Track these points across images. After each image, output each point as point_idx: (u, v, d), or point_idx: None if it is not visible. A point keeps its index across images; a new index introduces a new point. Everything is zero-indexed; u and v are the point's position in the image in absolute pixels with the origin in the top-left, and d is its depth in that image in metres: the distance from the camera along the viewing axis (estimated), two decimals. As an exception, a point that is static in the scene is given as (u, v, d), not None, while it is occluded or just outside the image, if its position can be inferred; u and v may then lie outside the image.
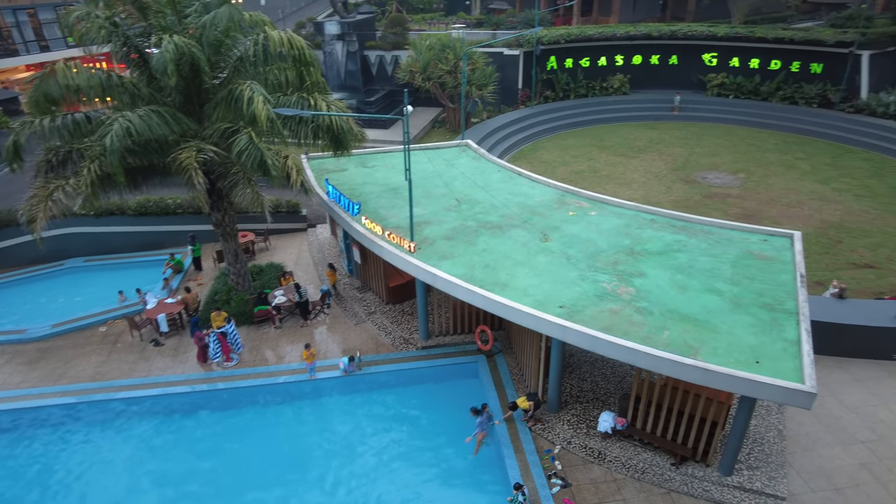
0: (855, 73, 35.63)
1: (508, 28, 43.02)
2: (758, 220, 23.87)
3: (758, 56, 38.09)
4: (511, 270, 13.75)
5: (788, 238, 14.98)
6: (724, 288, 12.74)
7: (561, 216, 16.51)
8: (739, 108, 37.84)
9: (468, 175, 19.60)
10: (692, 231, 15.40)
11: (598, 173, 29.83)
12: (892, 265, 20.91)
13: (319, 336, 17.75)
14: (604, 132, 36.34)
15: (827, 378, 15.28)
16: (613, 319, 11.77)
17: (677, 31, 38.97)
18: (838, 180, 28.53)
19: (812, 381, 9.88)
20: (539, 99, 38.65)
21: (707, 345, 10.93)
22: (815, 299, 16.16)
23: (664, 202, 25.83)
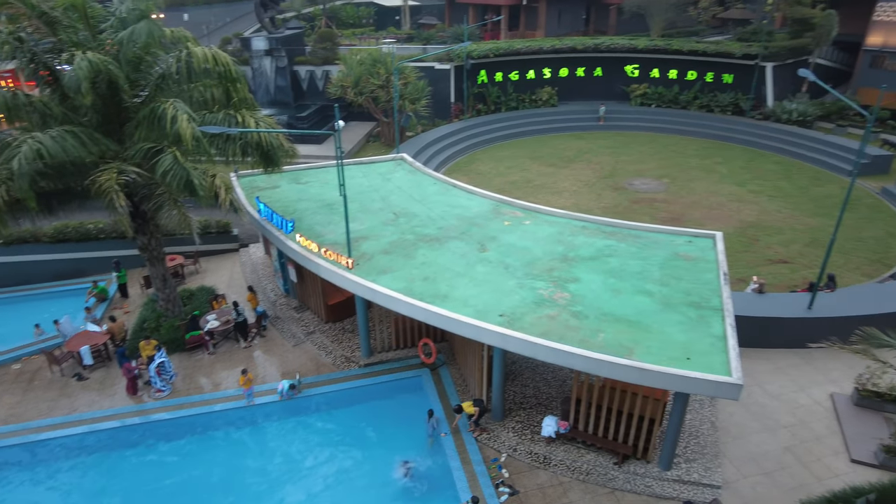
0: (761, 83, 38.32)
1: (438, 43, 43.59)
2: (683, 223, 25.10)
3: (676, 67, 40.27)
4: (451, 282, 13.81)
5: (711, 239, 15.81)
6: (654, 289, 13.29)
7: (497, 226, 16.76)
8: (661, 116, 39.81)
9: (405, 188, 19.61)
10: (622, 236, 16.00)
11: (532, 183, 30.57)
12: (803, 259, 22.47)
13: (257, 360, 17.19)
14: (536, 143, 37.32)
15: (752, 369, 16.16)
16: (551, 325, 12.03)
17: (600, 44, 40.67)
18: (753, 182, 30.46)
19: (738, 373, 10.43)
20: (472, 112, 39.28)
21: (641, 344, 11.34)
22: (738, 295, 17.09)
23: (595, 209, 26.75)
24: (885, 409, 14.77)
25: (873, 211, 27.02)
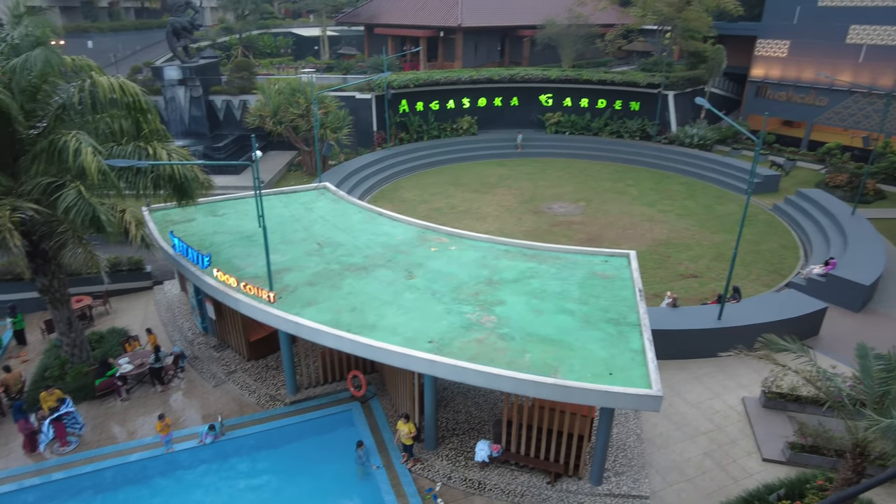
0: (665, 110, 41.18)
1: (359, 73, 43.86)
2: (599, 243, 26.27)
3: (587, 96, 42.53)
4: (379, 311, 13.68)
5: (626, 257, 16.61)
6: (575, 308, 13.75)
7: (424, 252, 16.85)
8: (575, 143, 41.75)
9: (328, 218, 19.36)
10: (543, 258, 16.51)
11: (456, 209, 31.05)
12: (711, 273, 24.02)
13: (175, 403, 16.19)
14: (459, 170, 38.05)
15: (671, 379, 16.98)
16: (479, 348, 12.15)
17: (516, 74, 42.34)
18: (662, 203, 32.40)
19: (658, 385, 10.91)
20: (395, 140, 39.59)
21: (565, 363, 11.66)
22: (654, 310, 18.00)
23: (516, 233, 27.49)
24: (788, 409, 15.92)
25: (768, 226, 29.42)
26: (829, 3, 39.27)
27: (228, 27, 53.06)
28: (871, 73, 38.13)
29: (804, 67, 41.39)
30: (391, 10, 50.36)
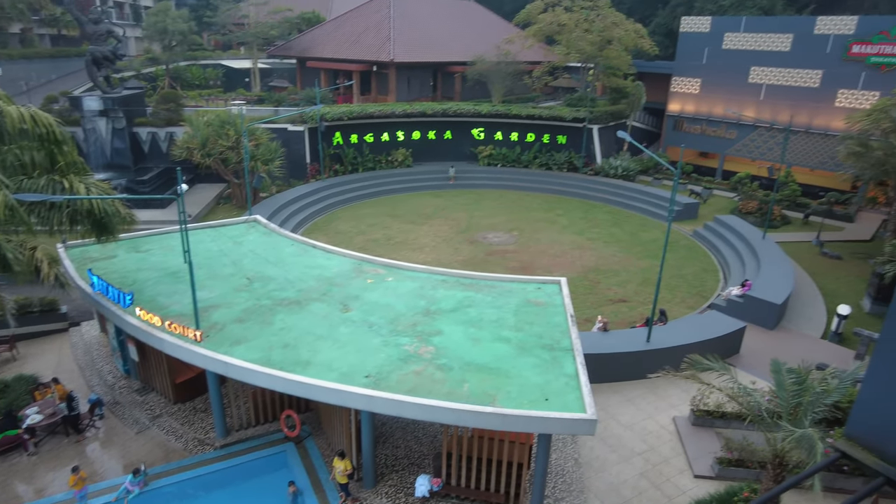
0: (590, 143, 43.14)
1: (291, 105, 43.52)
2: (532, 271, 26.87)
3: (516, 130, 43.97)
4: (313, 346, 13.34)
5: (557, 284, 17.06)
6: (511, 335, 13.94)
7: (360, 284, 16.66)
8: (507, 174, 42.91)
9: (259, 252, 18.85)
10: (479, 287, 16.70)
11: (393, 240, 31.02)
12: (639, 297, 25.01)
13: (92, 454, 15.02)
14: (394, 201, 38.15)
15: (605, 402, 17.39)
16: (418, 380, 12.04)
17: (448, 109, 43.28)
18: (590, 231, 33.65)
19: (592, 409, 11.14)
20: (329, 172, 39.33)
21: (502, 390, 11.74)
22: (586, 335, 18.49)
23: (453, 262, 27.72)
24: (715, 426, 16.63)
25: (689, 251, 31.08)
26: (732, 46, 42.77)
27: (154, 58, 51.54)
28: (771, 109, 41.60)
29: (715, 103, 44.63)
30: (324, 44, 50.60)
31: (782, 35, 40.36)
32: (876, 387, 2.35)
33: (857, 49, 37.36)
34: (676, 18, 53.23)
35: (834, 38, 38.22)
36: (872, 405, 2.40)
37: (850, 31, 37.57)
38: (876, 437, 2.38)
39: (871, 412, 2.41)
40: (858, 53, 37.38)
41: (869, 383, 2.39)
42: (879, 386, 2.35)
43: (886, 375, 2.33)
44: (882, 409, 2.36)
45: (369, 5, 52.86)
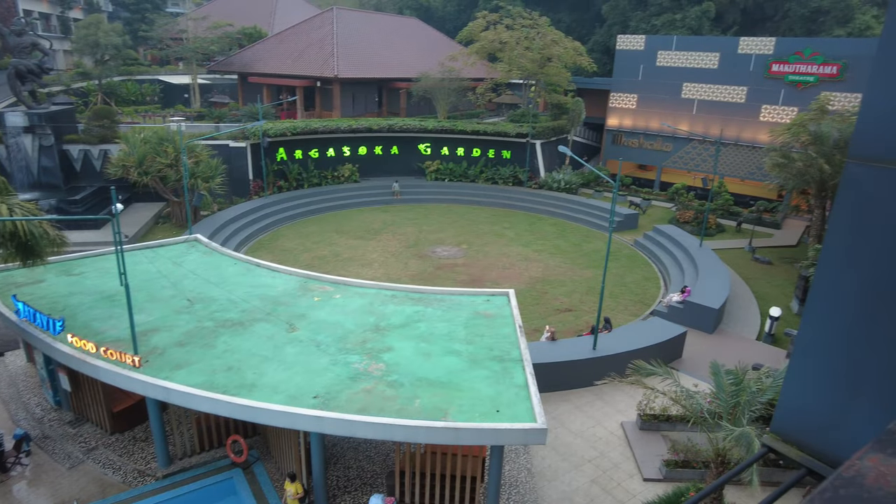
0: (533, 157, 44.13)
1: (232, 121, 42.60)
2: (482, 284, 27.13)
3: (462, 145, 44.52)
4: (258, 368, 12.97)
5: (506, 296, 17.27)
6: (461, 348, 13.99)
7: (306, 303, 16.36)
8: (454, 189, 43.30)
9: (200, 272, 18.24)
10: (428, 301, 16.71)
11: (340, 256, 30.67)
12: (584, 306, 25.62)
13: (19, 494, 14.02)
14: (341, 217, 37.79)
15: (555, 411, 17.65)
16: (368, 399, 11.88)
17: (394, 124, 43.41)
18: (536, 243, 34.30)
19: (542, 418, 11.28)
20: (273, 189, 38.60)
21: (454, 404, 11.74)
22: (534, 345, 18.77)
23: (402, 277, 27.65)
24: (662, 429, 17.13)
25: (631, 260, 32.13)
26: (665, 63, 44.87)
27: (86, 72, 49.38)
28: (703, 123, 43.79)
29: (651, 117, 46.58)
30: (266, 60, 49.88)
31: (710, 54, 42.67)
32: (795, 384, 2.50)
33: (777, 68, 39.93)
34: (612, 37, 55.47)
35: (756, 57, 40.72)
36: (793, 402, 2.55)
37: (769, 51, 40.14)
38: (797, 432, 2.53)
39: (792, 408, 2.56)
40: (778, 72, 39.95)
41: (789, 381, 2.54)
42: (798, 383, 2.49)
43: (803, 373, 2.49)
44: (801, 405, 2.51)
45: (312, 21, 52.60)
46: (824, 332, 2.41)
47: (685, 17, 56.23)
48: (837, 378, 2.38)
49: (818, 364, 2.46)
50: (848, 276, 2.27)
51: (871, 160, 2.13)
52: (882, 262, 2.15)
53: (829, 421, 2.48)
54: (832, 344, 2.38)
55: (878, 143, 2.12)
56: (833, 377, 2.40)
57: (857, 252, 2.23)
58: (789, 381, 2.63)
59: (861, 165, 2.18)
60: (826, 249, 2.42)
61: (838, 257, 2.31)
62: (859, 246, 2.22)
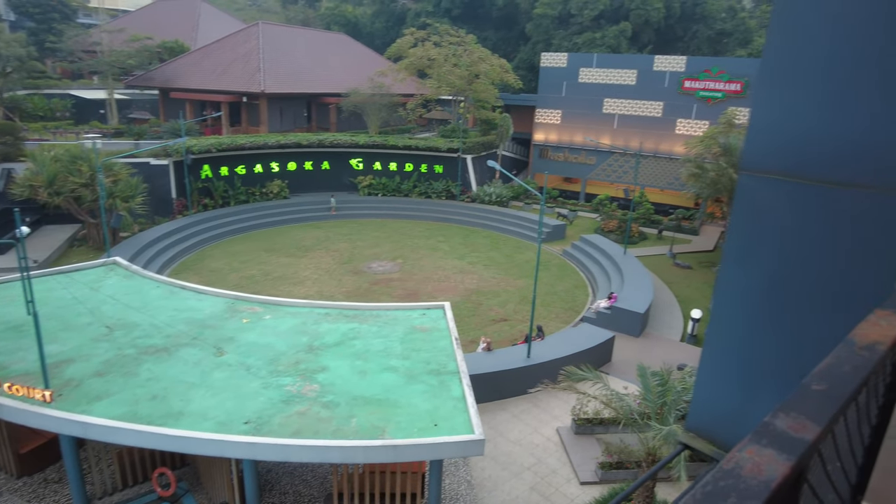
0: (465, 172, 44.81)
1: (154, 138, 40.80)
2: (418, 298, 27.12)
3: (395, 160, 44.58)
4: (185, 395, 12.36)
5: (442, 309, 17.33)
6: (398, 364, 13.90)
7: (235, 325, 15.78)
8: (388, 204, 43.24)
9: (119, 297, 17.23)
10: (363, 317, 16.53)
11: (271, 276, 29.84)
12: (518, 316, 26.11)
13: None
14: (271, 235, 36.83)
15: (493, 420, 17.82)
16: (302, 421, 11.57)
17: (324, 140, 42.92)
18: (470, 255, 34.72)
19: (479, 429, 11.36)
20: (198, 207, 37.14)
21: (392, 422, 11.62)
22: (471, 356, 18.92)
23: (337, 294, 27.23)
24: (595, 432, 17.64)
25: (560, 269, 33.10)
26: (587, 80, 46.87)
27: (-16, 86, 45.93)
28: (623, 137, 45.97)
29: (575, 132, 48.41)
30: (189, 75, 48.20)
31: (628, 71, 44.98)
32: (704, 381, 2.66)
33: (689, 84, 42.60)
34: (537, 54, 57.45)
35: (669, 74, 43.29)
36: (703, 398, 2.71)
37: (681, 69, 42.79)
38: (709, 427, 2.68)
39: (703, 405, 2.72)
40: (690, 88, 42.62)
41: (699, 379, 2.70)
42: (707, 380, 2.66)
43: (711, 370, 2.65)
44: (711, 401, 2.67)
45: (237, 36, 51.40)
46: (726, 330, 2.59)
47: (604, 36, 59.08)
48: (740, 373, 2.56)
49: (723, 361, 2.64)
50: (744, 277, 2.45)
51: (758, 171, 2.33)
52: (771, 263, 2.35)
53: (736, 415, 2.65)
54: (734, 341, 2.56)
55: (764, 156, 2.32)
56: (737, 372, 2.58)
57: (751, 255, 2.42)
58: (700, 379, 2.80)
59: (751, 176, 2.37)
60: (725, 253, 2.61)
61: (735, 260, 2.50)
62: (752, 249, 2.41)
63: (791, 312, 2.36)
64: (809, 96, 2.15)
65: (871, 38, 1.99)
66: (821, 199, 2.19)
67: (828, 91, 2.11)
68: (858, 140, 2.07)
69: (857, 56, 2.02)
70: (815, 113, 2.15)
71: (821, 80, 2.11)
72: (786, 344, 2.37)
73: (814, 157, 2.18)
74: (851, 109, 2.08)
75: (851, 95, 2.07)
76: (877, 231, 2.12)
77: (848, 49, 2.04)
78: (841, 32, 2.04)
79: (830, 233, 2.20)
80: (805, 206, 2.24)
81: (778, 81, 2.23)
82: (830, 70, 2.09)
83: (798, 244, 2.26)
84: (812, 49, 2.11)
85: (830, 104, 2.11)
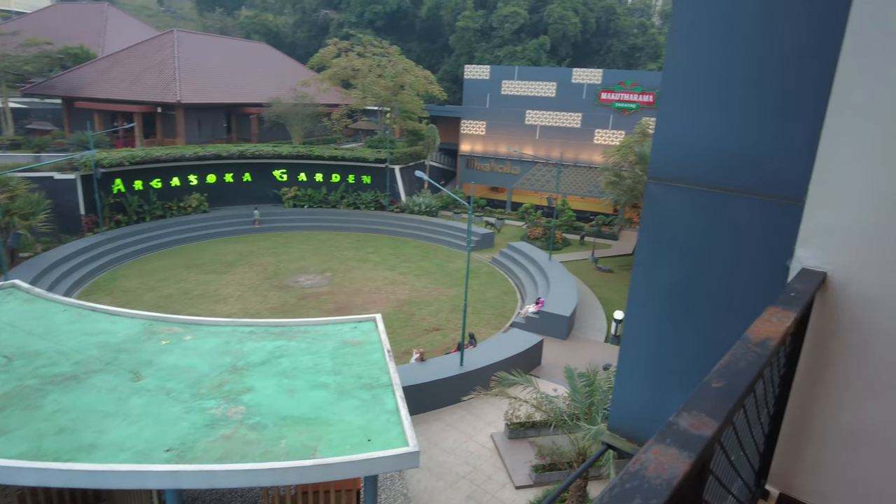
0: (394, 182, 44.74)
1: (58, 150, 38.03)
2: (349, 311, 26.72)
3: (321, 171, 43.85)
4: (98, 426, 11.51)
5: (373, 321, 17.14)
6: (329, 380, 13.60)
7: (153, 347, 14.90)
8: (315, 215, 42.42)
9: (20, 323, 15.87)
10: (291, 334, 16.07)
11: (190, 294, 28.48)
12: (450, 325, 26.27)
13: None
14: (191, 251, 35.20)
15: (427, 431, 17.77)
16: (229, 445, 11.07)
17: (245, 150, 41.59)
18: (401, 266, 34.63)
19: (413, 441, 11.29)
20: (109, 224, 34.92)
21: (323, 440, 11.34)
22: (404, 367, 18.83)
23: (263, 311, 26.38)
24: (528, 436, 17.97)
25: (490, 276, 33.64)
26: (509, 92, 48.14)
27: None
28: (545, 147, 47.50)
29: (499, 143, 49.52)
30: (96, 84, 45.37)
31: (548, 83, 46.59)
32: (622, 382, 2.78)
33: (605, 96, 44.68)
34: (460, 66, 58.43)
35: (587, 86, 45.23)
36: (623, 398, 2.82)
37: (597, 81, 44.82)
38: (629, 426, 2.79)
39: (623, 404, 2.83)
40: (606, 100, 44.70)
41: (618, 379, 2.81)
42: (625, 381, 2.77)
43: (628, 370, 2.77)
44: (629, 400, 2.79)
45: (149, 44, 49.01)
46: (639, 332, 2.72)
47: (525, 49, 60.95)
48: (654, 373, 2.69)
49: (638, 362, 2.77)
50: (653, 280, 2.60)
51: (663, 180, 2.48)
52: (677, 267, 2.50)
53: (652, 413, 2.78)
54: (647, 342, 2.69)
55: (668, 166, 2.47)
56: (650, 372, 2.71)
57: (659, 259, 2.56)
58: (618, 380, 2.92)
59: (657, 185, 2.52)
60: (637, 258, 2.75)
61: (645, 265, 2.64)
62: (660, 254, 2.55)
63: (697, 313, 2.51)
64: (704, 111, 2.32)
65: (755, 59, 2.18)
66: (718, 205, 2.36)
67: (720, 106, 2.28)
68: (748, 151, 2.24)
69: (745, 75, 2.21)
70: (710, 126, 2.32)
71: (713, 97, 2.29)
72: (693, 343, 2.52)
73: (711, 166, 2.35)
74: (741, 123, 2.26)
75: (740, 110, 2.25)
76: (767, 234, 2.30)
77: (736, 69, 2.22)
78: (730, 53, 2.22)
79: (728, 237, 2.37)
80: (705, 213, 2.41)
81: (677, 97, 2.39)
82: (722, 87, 2.26)
83: (700, 248, 2.42)
84: (705, 68, 2.28)
85: (722, 118, 2.28)
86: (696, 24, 2.30)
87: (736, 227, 2.36)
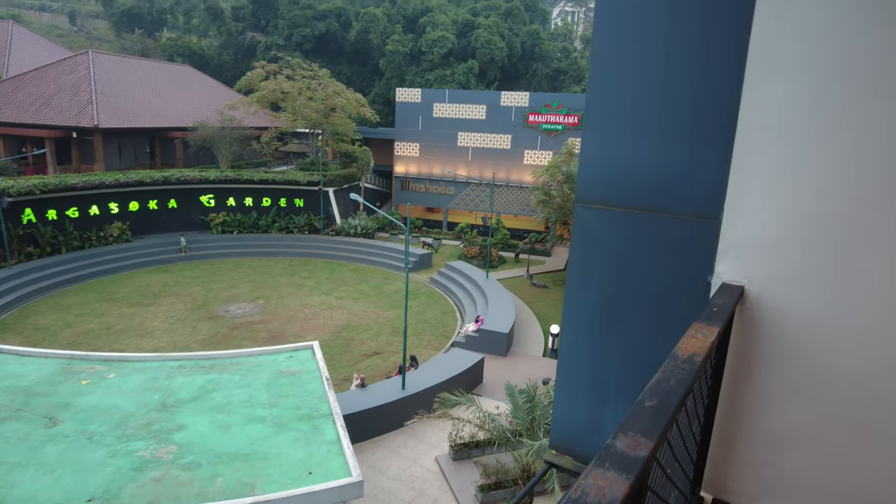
0: (328, 205, 44.15)
1: (-45, 180, 35.12)
2: (284, 339, 25.92)
3: (250, 195, 42.65)
4: (6, 479, 10.54)
5: (310, 349, 16.73)
6: (265, 413, 13.11)
7: (71, 388, 13.88)
8: (245, 241, 41.11)
9: (-87, 371, 14.40)
10: (223, 367, 15.41)
11: (112, 329, 26.81)
12: (391, 348, 25.99)
13: None
14: (111, 283, 33.20)
15: (370, 458, 17.38)
16: (159, 488, 10.41)
17: (170, 176, 39.91)
18: (338, 290, 34.05)
19: (356, 470, 11.03)
20: (18, 257, 32.45)
21: (262, 475, 10.88)
22: (344, 395, 18.41)
23: (192, 344, 25.16)
24: (473, 456, 17.93)
25: (429, 297, 33.63)
26: (441, 114, 48.84)
27: None
28: (478, 168, 48.37)
29: (433, 164, 49.99)
30: (0, 107, 42.45)
31: (478, 105, 47.63)
32: (561, 400, 2.83)
33: (532, 118, 46.13)
34: (392, 89, 58.82)
35: (515, 109, 46.57)
36: (562, 415, 2.87)
37: (525, 104, 46.26)
38: (570, 443, 2.84)
39: (563, 421, 2.88)
40: (533, 122, 46.16)
41: (557, 398, 2.86)
42: (563, 399, 2.82)
43: (566, 389, 2.83)
44: (569, 418, 2.84)
45: (62, 65, 46.47)
46: (574, 349, 2.80)
47: (454, 73, 62.16)
48: (591, 390, 2.77)
49: (575, 379, 2.83)
50: (584, 297, 2.68)
51: (589, 202, 2.58)
52: (606, 285, 2.59)
53: (592, 429, 2.85)
54: (582, 359, 2.77)
55: (592, 188, 2.57)
56: (588, 389, 2.78)
57: (589, 278, 2.65)
58: (557, 398, 2.97)
59: (583, 207, 2.62)
60: (569, 277, 2.83)
61: (577, 283, 2.73)
62: (590, 273, 2.64)
63: (628, 328, 2.61)
64: (622, 138, 2.45)
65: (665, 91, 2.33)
66: (639, 225, 2.48)
67: (636, 133, 2.42)
68: (664, 173, 2.38)
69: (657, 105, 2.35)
70: (628, 152, 2.45)
71: (630, 125, 2.43)
72: (626, 358, 2.61)
73: (630, 189, 2.48)
74: (656, 148, 2.40)
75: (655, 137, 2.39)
76: (687, 252, 2.43)
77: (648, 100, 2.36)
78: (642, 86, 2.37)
79: (649, 255, 2.49)
80: (628, 233, 2.52)
81: (598, 127, 2.51)
82: (636, 116, 2.40)
83: (624, 267, 2.54)
84: (621, 100, 2.42)
85: (637, 144, 2.42)
86: (610, 62, 2.44)
87: (657, 246, 2.48)
